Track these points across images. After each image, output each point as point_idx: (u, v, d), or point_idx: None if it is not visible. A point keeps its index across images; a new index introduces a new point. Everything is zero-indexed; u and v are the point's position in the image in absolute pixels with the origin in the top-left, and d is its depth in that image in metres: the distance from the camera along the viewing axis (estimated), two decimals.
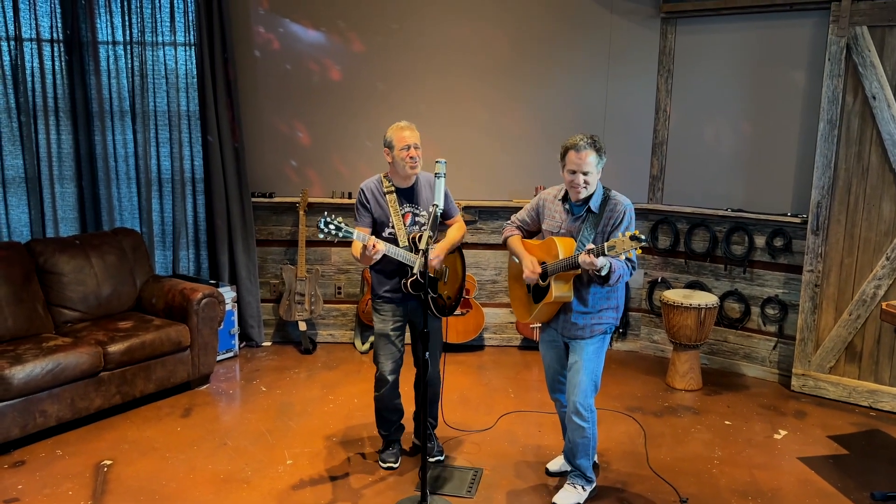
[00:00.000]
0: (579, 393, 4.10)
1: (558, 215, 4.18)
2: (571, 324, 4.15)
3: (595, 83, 6.78)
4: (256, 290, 6.94)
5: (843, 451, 5.07)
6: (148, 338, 5.51)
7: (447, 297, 4.61)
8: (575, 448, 4.25)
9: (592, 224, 4.02)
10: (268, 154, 6.98)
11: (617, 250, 3.66)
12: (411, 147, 4.32)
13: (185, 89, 6.66)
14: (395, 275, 4.42)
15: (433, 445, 4.80)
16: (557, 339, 4.31)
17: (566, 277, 4.04)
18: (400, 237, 4.36)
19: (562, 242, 4.03)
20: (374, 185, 4.47)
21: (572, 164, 3.96)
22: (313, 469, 4.67)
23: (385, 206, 4.41)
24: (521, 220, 4.44)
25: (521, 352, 7.05)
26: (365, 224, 4.42)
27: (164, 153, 6.70)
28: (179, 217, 6.78)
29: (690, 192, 6.67)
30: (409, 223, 4.43)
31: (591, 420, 4.18)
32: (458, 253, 4.73)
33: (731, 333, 6.60)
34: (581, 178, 3.95)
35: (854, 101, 5.67)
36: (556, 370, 4.41)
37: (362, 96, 6.84)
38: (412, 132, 4.36)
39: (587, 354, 4.13)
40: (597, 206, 4.05)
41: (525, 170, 6.91)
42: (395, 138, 4.35)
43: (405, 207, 4.44)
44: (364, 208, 4.43)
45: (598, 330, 4.15)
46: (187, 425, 5.28)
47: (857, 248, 5.77)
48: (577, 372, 4.12)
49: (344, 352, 6.94)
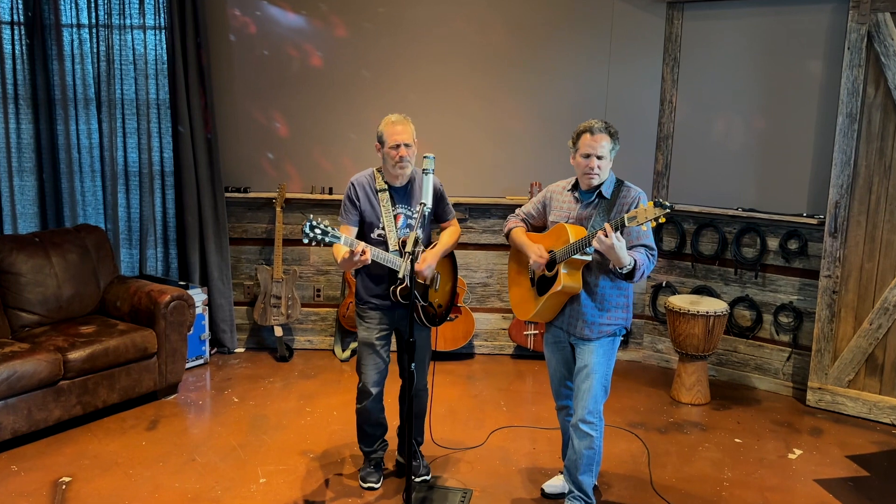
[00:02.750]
0: (589, 399, 4.08)
1: (566, 205, 4.19)
2: (579, 320, 4.11)
3: (596, 72, 6.75)
4: (229, 292, 6.92)
5: (864, 472, 5.03)
6: (112, 344, 5.46)
7: (437, 306, 4.55)
8: (579, 460, 4.19)
9: (604, 210, 4.02)
10: (243, 146, 6.94)
11: (639, 220, 3.66)
12: (401, 146, 4.23)
13: (155, 76, 6.62)
14: (383, 280, 4.36)
15: (419, 464, 4.73)
16: (563, 340, 4.27)
17: (576, 266, 4.03)
18: (390, 240, 4.30)
19: (573, 228, 4.04)
20: (367, 180, 4.39)
21: (587, 147, 3.99)
22: (288, 488, 4.61)
23: (376, 205, 4.34)
24: (526, 213, 4.45)
25: (514, 360, 7.01)
26: (351, 223, 4.35)
27: (132, 144, 6.66)
28: (147, 213, 6.74)
29: (698, 190, 6.63)
30: (400, 225, 4.36)
31: (599, 428, 4.15)
32: (450, 257, 4.68)
33: (741, 343, 6.56)
34: (595, 161, 3.98)
35: (876, 93, 5.62)
36: (563, 375, 4.38)
37: (345, 85, 6.81)
38: (405, 128, 4.27)
39: (596, 357, 4.10)
40: (609, 192, 4.07)
41: (520, 165, 6.88)
42: (385, 133, 4.27)
43: (398, 208, 4.37)
44: (352, 205, 4.35)
45: (607, 331, 4.12)
46: (153, 439, 5.23)
47: (878, 251, 5.73)
48: (587, 377, 4.10)
49: (323, 359, 6.89)
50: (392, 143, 4.23)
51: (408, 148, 4.24)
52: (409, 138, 4.25)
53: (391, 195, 4.36)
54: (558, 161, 6.15)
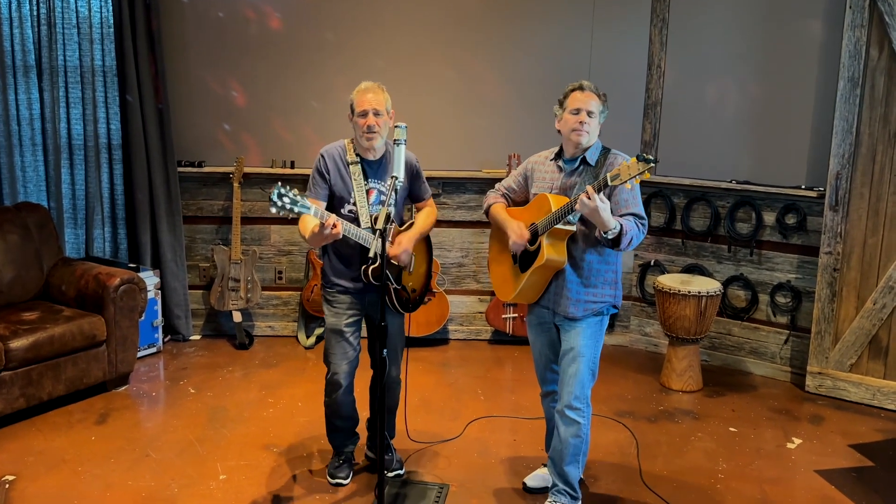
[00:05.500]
0: (575, 384, 4.07)
1: (549, 175, 4.19)
2: (563, 296, 4.09)
3: (578, 35, 6.73)
4: (184, 274, 6.91)
5: (868, 462, 5.04)
6: (57, 331, 5.41)
7: (412, 290, 4.52)
8: (565, 450, 4.17)
9: (589, 178, 4.00)
10: (197, 117, 6.89)
11: (622, 177, 3.65)
12: (369, 113, 4.18)
13: (101, 40, 6.54)
14: (353, 261, 4.31)
15: (391, 458, 4.71)
16: (548, 320, 4.25)
17: (560, 237, 4.01)
18: (362, 216, 4.26)
19: (555, 198, 4.03)
20: (338, 151, 4.35)
21: (577, 102, 4.03)
22: (251, 485, 4.57)
23: (347, 179, 4.30)
24: (507, 187, 4.44)
25: (492, 346, 7.03)
26: (320, 196, 4.30)
27: (76, 115, 6.59)
28: (93, 190, 6.67)
29: (689, 161, 6.64)
30: (372, 201, 4.32)
31: (587, 415, 4.14)
32: (426, 241, 4.66)
33: (735, 325, 6.58)
34: (585, 116, 4.00)
35: (879, 55, 5.62)
36: (549, 358, 4.36)
37: (308, 50, 6.77)
38: (375, 95, 4.22)
39: (583, 339, 4.09)
40: (594, 158, 4.07)
41: (497, 136, 6.87)
42: (355, 101, 4.24)
43: (370, 183, 4.33)
44: (321, 177, 4.31)
45: (594, 309, 4.11)
46: (103, 434, 5.18)
47: (882, 225, 5.74)
48: (573, 361, 4.09)
49: (285, 347, 6.89)
50: (359, 111, 4.20)
51: (377, 116, 4.19)
52: (379, 106, 4.20)
53: (363, 168, 4.32)
54: (538, 131, 6.15)
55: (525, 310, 6.74)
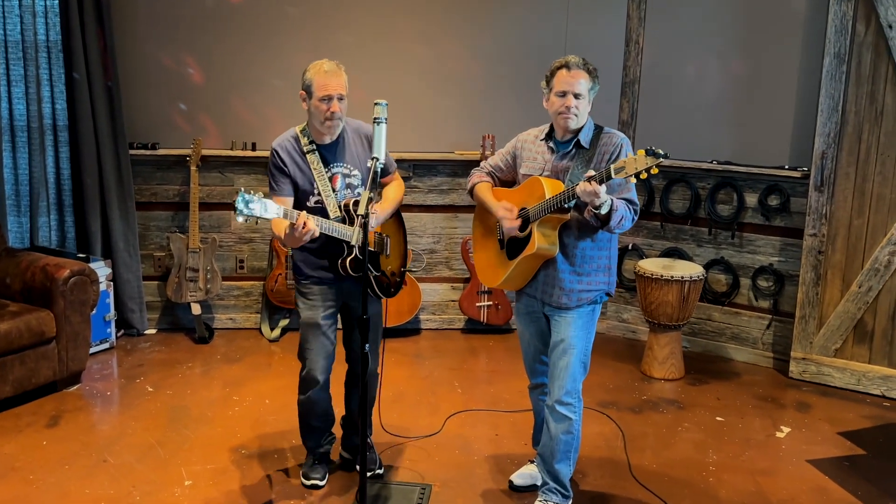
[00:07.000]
0: (567, 377, 4.03)
1: (540, 156, 4.12)
2: (555, 287, 4.03)
3: (553, 10, 6.75)
4: (137, 265, 6.84)
5: (859, 450, 5.09)
6: (2, 328, 5.31)
7: (391, 274, 4.47)
8: (556, 447, 4.13)
9: (583, 162, 3.96)
10: (150, 96, 6.82)
11: (627, 171, 3.58)
12: (333, 99, 4.10)
13: (44, 13, 6.40)
14: (326, 251, 4.23)
15: (371, 457, 4.65)
16: (537, 310, 4.19)
17: (552, 225, 3.95)
18: (329, 206, 4.18)
19: (548, 182, 3.96)
20: (290, 143, 4.26)
21: (562, 84, 3.93)
22: (219, 490, 4.50)
23: (306, 170, 4.21)
24: (493, 165, 4.39)
25: (466, 336, 7.04)
26: (284, 193, 4.21)
27: (18, 94, 6.46)
28: (38, 174, 6.55)
29: (668, 141, 6.42)
30: (339, 187, 4.25)
31: (578, 410, 4.11)
32: (398, 218, 4.61)
33: (715, 310, 6.64)
34: (572, 99, 3.92)
35: (866, 30, 5.65)
36: (539, 349, 4.32)
37: (269, 24, 6.71)
38: (338, 79, 4.12)
39: (575, 330, 4.04)
40: (587, 140, 4.02)
41: (469, 116, 6.89)
42: (315, 83, 4.11)
43: (333, 168, 4.25)
44: (281, 172, 4.21)
45: (588, 298, 4.06)
46: (56, 438, 5.08)
47: (868, 206, 5.79)
48: (564, 353, 4.04)
49: (248, 340, 6.86)
50: (322, 95, 4.09)
51: (340, 102, 4.13)
52: (342, 90, 4.13)
53: (321, 155, 4.23)
54: (513, 111, 6.13)
55: (500, 297, 6.74)
